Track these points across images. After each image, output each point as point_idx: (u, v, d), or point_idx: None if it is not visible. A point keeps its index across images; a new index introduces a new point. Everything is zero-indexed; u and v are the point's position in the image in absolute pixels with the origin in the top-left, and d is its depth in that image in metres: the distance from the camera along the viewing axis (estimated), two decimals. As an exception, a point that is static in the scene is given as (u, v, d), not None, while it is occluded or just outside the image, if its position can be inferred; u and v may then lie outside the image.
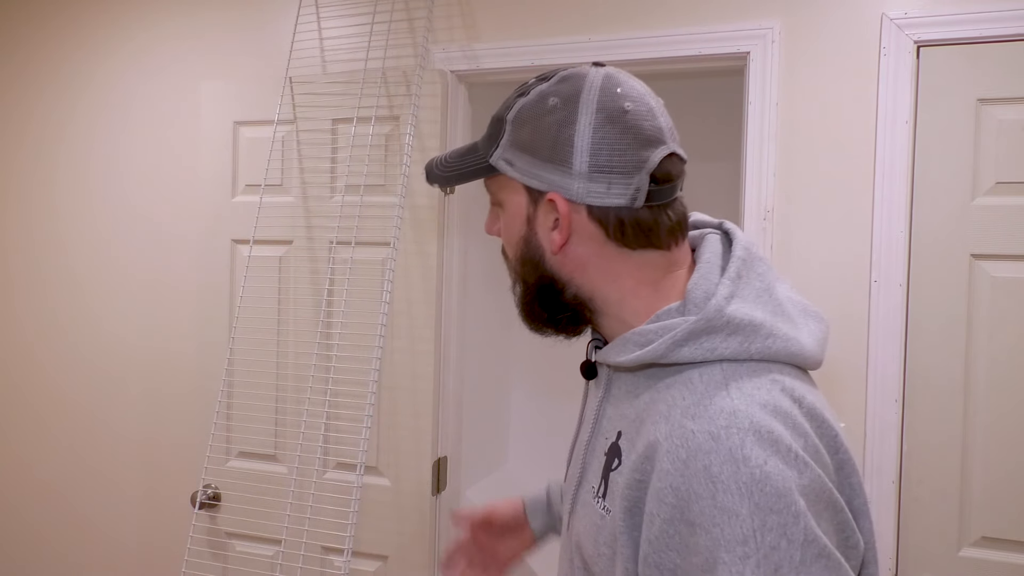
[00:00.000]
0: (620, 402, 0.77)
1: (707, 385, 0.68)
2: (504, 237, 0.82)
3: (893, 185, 1.58)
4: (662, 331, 0.72)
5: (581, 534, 0.78)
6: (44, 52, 2.34)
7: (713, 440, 0.63)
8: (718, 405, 0.66)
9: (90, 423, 2.29)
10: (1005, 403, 1.53)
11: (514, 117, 0.77)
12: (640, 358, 0.72)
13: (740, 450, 0.63)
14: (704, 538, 0.61)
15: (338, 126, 1.93)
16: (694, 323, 0.69)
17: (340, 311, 1.85)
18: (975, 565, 1.54)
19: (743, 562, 0.60)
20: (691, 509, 0.62)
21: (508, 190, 0.79)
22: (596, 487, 0.76)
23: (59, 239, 2.32)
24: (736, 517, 0.61)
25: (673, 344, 0.70)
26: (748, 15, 1.69)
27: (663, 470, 0.65)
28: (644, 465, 0.67)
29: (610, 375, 0.81)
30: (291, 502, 1.83)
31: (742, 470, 0.62)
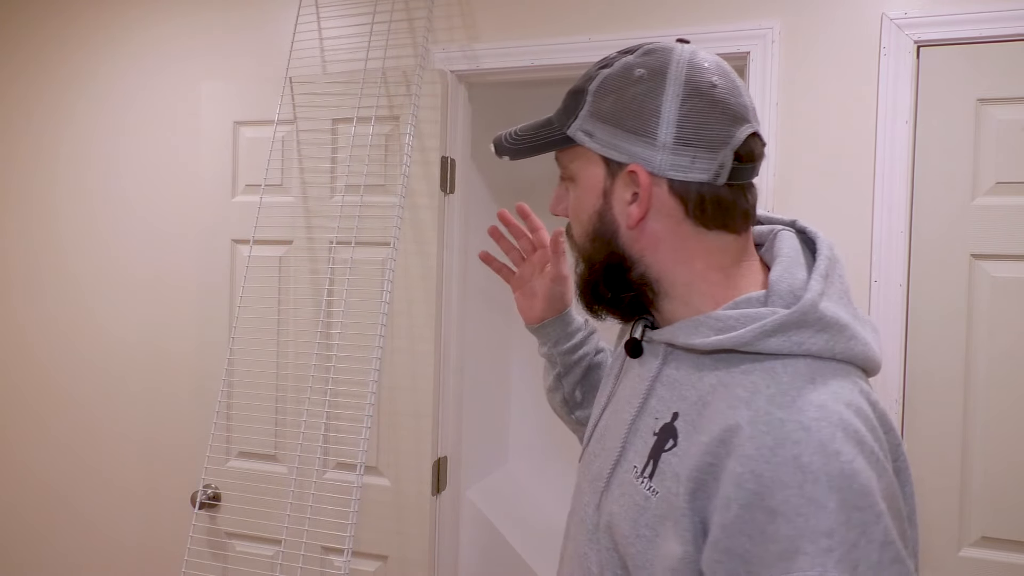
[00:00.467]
0: (678, 383, 0.76)
1: (793, 377, 0.68)
2: (573, 213, 0.81)
3: (893, 185, 1.58)
4: (746, 319, 0.71)
5: (615, 514, 0.76)
6: (44, 52, 2.34)
7: (804, 431, 0.63)
8: (807, 398, 0.65)
9: (90, 423, 2.29)
10: (1005, 403, 1.53)
11: (597, 88, 0.76)
12: (720, 343, 0.70)
13: (831, 444, 0.62)
14: (786, 527, 0.61)
15: (338, 126, 1.93)
16: (787, 315, 0.69)
17: (340, 311, 1.85)
18: (975, 565, 1.54)
19: (826, 555, 0.59)
20: (774, 497, 0.62)
21: (583, 162, 0.78)
22: (641, 467, 0.75)
23: (59, 239, 2.32)
24: (823, 509, 0.60)
25: (762, 333, 0.69)
26: (748, 15, 1.69)
27: (745, 455, 0.64)
28: (719, 448, 0.66)
29: (666, 356, 0.79)
30: (291, 502, 1.83)
31: (832, 463, 0.61)
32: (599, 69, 0.77)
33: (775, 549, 0.61)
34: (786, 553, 0.60)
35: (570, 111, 0.78)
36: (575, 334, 1.06)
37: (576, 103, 0.77)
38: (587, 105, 0.76)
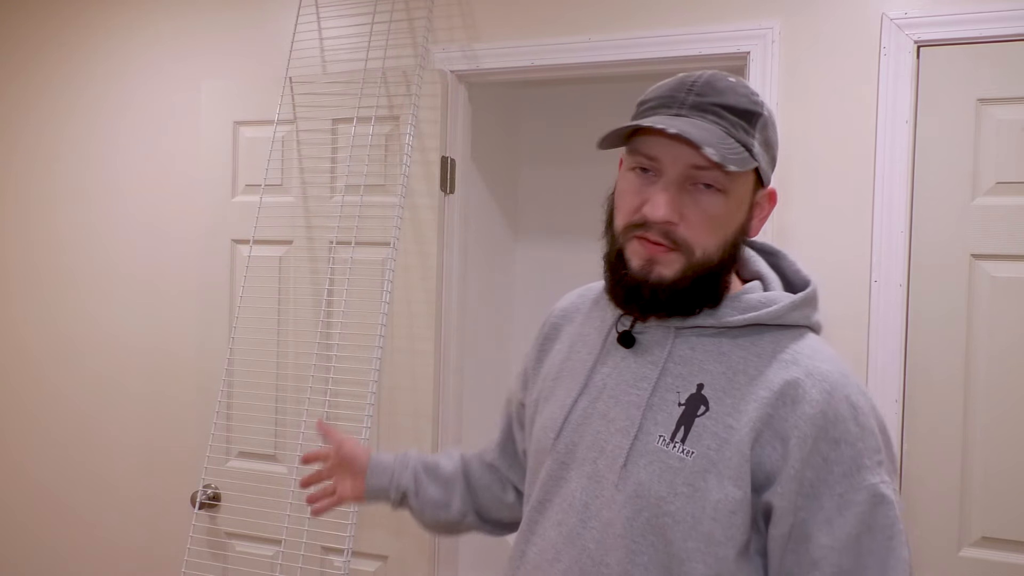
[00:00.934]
0: (695, 360, 0.88)
1: (815, 343, 0.88)
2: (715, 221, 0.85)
3: (893, 185, 1.58)
4: (769, 300, 0.88)
5: (644, 483, 0.84)
6: (43, 52, 2.34)
7: (844, 377, 0.84)
8: (831, 355, 0.87)
9: (90, 423, 2.29)
10: (1005, 403, 1.53)
11: (767, 117, 0.88)
12: (756, 318, 0.87)
13: (861, 386, 0.85)
14: (848, 450, 0.79)
15: (338, 126, 1.93)
16: (806, 294, 0.90)
17: (340, 311, 1.85)
18: (975, 565, 1.54)
19: (880, 466, 0.80)
20: (836, 428, 0.80)
21: (742, 181, 0.86)
22: (669, 435, 0.85)
23: (58, 239, 2.32)
24: (872, 434, 0.81)
25: (791, 307, 0.88)
26: (748, 15, 1.69)
27: (812, 399, 0.81)
28: (779, 401, 0.82)
29: (673, 339, 0.89)
30: (291, 502, 1.83)
31: (866, 400, 0.84)
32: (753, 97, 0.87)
33: (839, 470, 0.79)
34: (851, 469, 0.79)
35: (746, 132, 0.85)
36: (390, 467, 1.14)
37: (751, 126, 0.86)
38: (758, 132, 0.86)
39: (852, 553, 0.78)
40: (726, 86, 0.85)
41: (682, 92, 0.85)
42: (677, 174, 0.84)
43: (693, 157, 0.82)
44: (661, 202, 0.83)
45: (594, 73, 1.85)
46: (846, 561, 0.78)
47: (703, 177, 0.83)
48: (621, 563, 0.84)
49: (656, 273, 0.85)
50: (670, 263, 0.85)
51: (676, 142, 0.82)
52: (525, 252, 2.66)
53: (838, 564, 0.78)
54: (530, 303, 2.62)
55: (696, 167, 0.83)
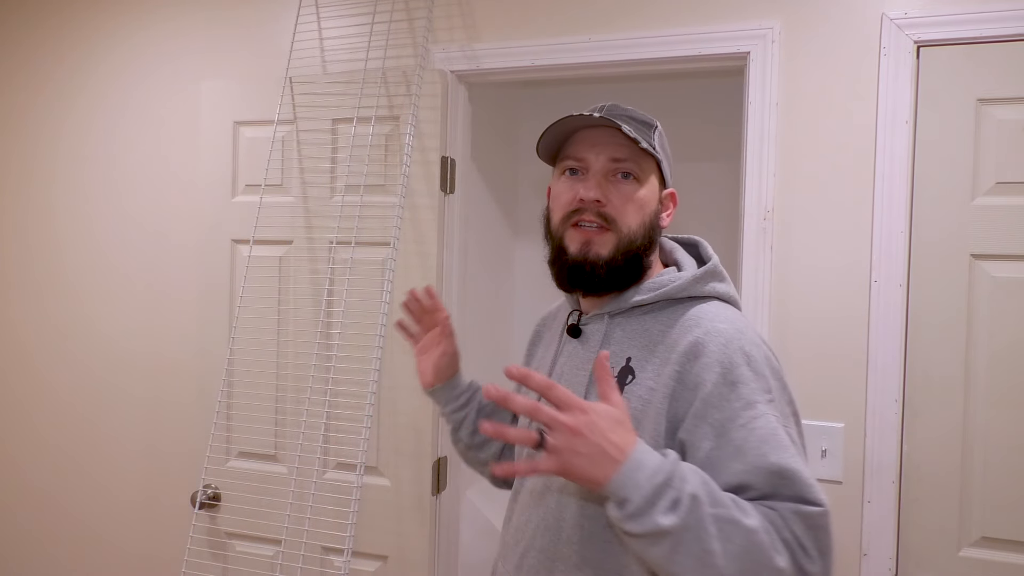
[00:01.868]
0: (624, 338, 1.05)
1: (717, 308, 1.02)
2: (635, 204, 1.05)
3: (893, 185, 1.58)
4: (676, 278, 1.05)
5: None
6: (42, 52, 2.34)
7: (740, 333, 0.98)
8: (729, 315, 1.01)
9: (90, 424, 2.29)
10: (1005, 403, 1.53)
11: (660, 131, 1.09)
12: (666, 293, 1.04)
13: (756, 340, 0.99)
14: (744, 390, 0.93)
15: (338, 126, 1.93)
16: (707, 268, 1.06)
17: (340, 311, 1.85)
18: (975, 565, 1.54)
19: (769, 404, 0.93)
20: (733, 373, 0.93)
21: (651, 173, 1.07)
22: None
23: (57, 240, 2.32)
24: (764, 378, 0.95)
25: (694, 280, 1.04)
26: (748, 15, 1.69)
27: (711, 352, 0.95)
28: (685, 359, 0.96)
29: (609, 324, 1.07)
30: (291, 502, 1.83)
31: (760, 350, 0.97)
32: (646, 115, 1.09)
33: (737, 405, 0.92)
34: (746, 405, 0.92)
35: (646, 134, 1.06)
36: (460, 396, 1.34)
37: (649, 132, 1.07)
38: (656, 136, 1.08)
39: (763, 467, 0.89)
40: (626, 107, 1.08)
41: (592, 111, 1.07)
42: (601, 167, 1.04)
43: (612, 151, 1.03)
44: (592, 186, 1.04)
45: (594, 73, 1.85)
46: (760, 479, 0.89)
47: (622, 168, 1.04)
48: (575, 516, 1.01)
49: (594, 252, 1.04)
50: (604, 243, 1.04)
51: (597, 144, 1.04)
52: (525, 252, 2.66)
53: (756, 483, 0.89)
54: (530, 303, 2.62)
55: (615, 160, 1.04)
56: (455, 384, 1.34)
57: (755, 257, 1.67)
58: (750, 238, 1.67)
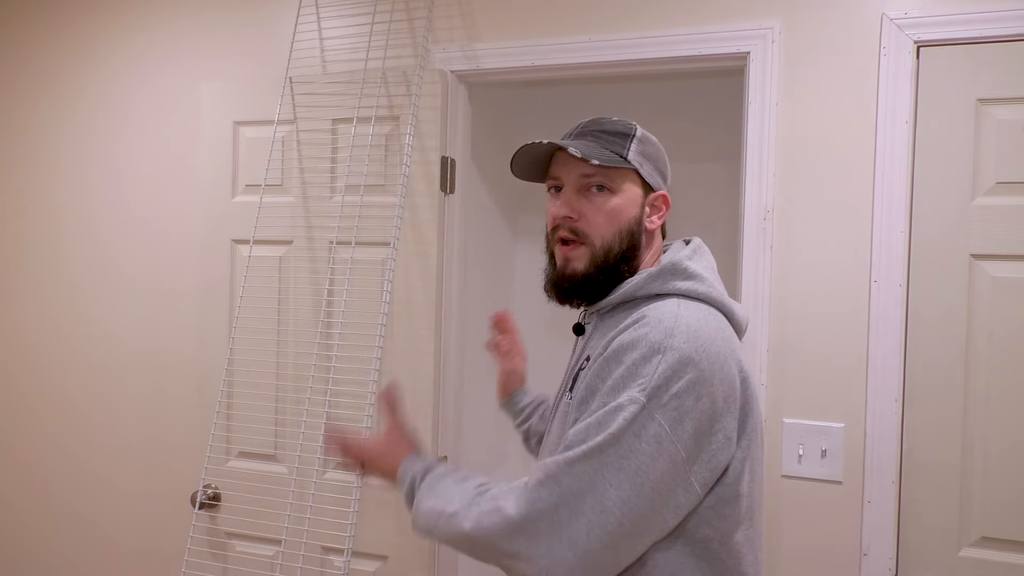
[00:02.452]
0: (596, 338, 1.11)
1: (667, 303, 1.03)
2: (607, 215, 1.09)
3: (893, 185, 1.58)
4: (636, 278, 1.08)
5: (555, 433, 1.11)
6: (43, 53, 2.34)
7: (659, 322, 0.98)
8: (673, 310, 1.00)
9: (90, 423, 2.29)
10: (1005, 403, 1.53)
11: (640, 136, 1.12)
12: (624, 295, 1.08)
13: (673, 331, 0.96)
14: (623, 370, 0.95)
15: (338, 126, 1.93)
16: (662, 267, 1.08)
17: (340, 311, 1.85)
18: (975, 565, 1.54)
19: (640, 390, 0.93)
20: (625, 354, 0.96)
21: (628, 182, 1.10)
22: (566, 390, 1.11)
23: (59, 239, 2.32)
24: (649, 363, 0.94)
25: (648, 278, 1.07)
26: (748, 15, 1.69)
27: (623, 336, 0.99)
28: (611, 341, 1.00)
29: (596, 322, 1.14)
30: (291, 502, 1.83)
31: (666, 341, 0.95)
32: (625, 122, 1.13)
33: (611, 383, 0.96)
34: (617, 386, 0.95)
35: (619, 146, 1.10)
36: (523, 410, 1.47)
37: (624, 141, 1.10)
38: (634, 145, 1.10)
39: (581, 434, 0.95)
40: (605, 120, 1.13)
41: (571, 129, 1.14)
42: (572, 183, 1.10)
43: (580, 168, 1.08)
44: (560, 203, 1.11)
45: (594, 73, 1.85)
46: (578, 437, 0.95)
47: (592, 181, 1.09)
48: None
49: (571, 268, 1.10)
50: (579, 257, 1.10)
51: (567, 162, 1.09)
52: (525, 252, 2.66)
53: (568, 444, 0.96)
54: (530, 303, 2.62)
55: (584, 175, 1.09)
56: (517, 399, 1.48)
57: (755, 257, 1.67)
58: (750, 238, 1.67)
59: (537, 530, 0.93)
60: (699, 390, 0.94)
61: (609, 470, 0.92)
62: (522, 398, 1.49)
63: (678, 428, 0.93)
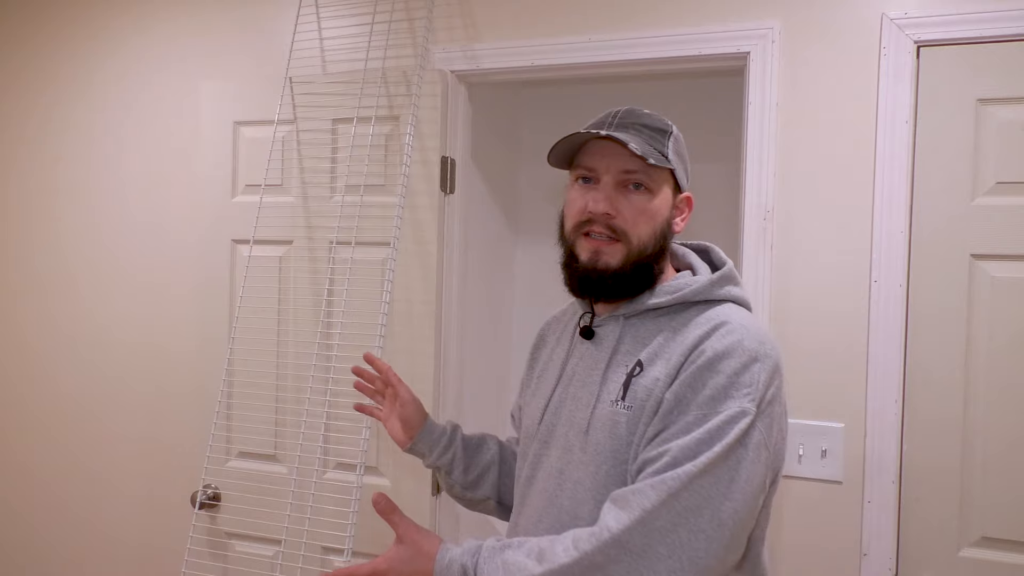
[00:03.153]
0: (639, 337, 1.07)
1: (730, 309, 1.04)
2: (645, 215, 1.06)
3: (893, 185, 1.58)
4: (692, 282, 1.07)
5: (602, 442, 1.02)
6: (44, 54, 2.34)
7: (744, 328, 0.99)
8: (741, 316, 1.02)
9: (90, 423, 2.29)
10: (1005, 403, 1.53)
11: (676, 136, 1.09)
12: (683, 296, 1.05)
13: (759, 337, 0.99)
14: (723, 380, 0.95)
15: (338, 126, 1.93)
16: (723, 272, 1.08)
17: (340, 311, 1.85)
18: (975, 565, 1.54)
19: (745, 397, 0.94)
20: (721, 363, 0.95)
21: (664, 182, 1.08)
22: (615, 398, 1.03)
23: (59, 239, 2.32)
24: (749, 372, 0.95)
25: (711, 284, 1.06)
26: (748, 15, 1.69)
27: (711, 345, 0.97)
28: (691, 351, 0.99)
29: (623, 325, 1.09)
30: (291, 502, 1.83)
31: (760, 347, 0.97)
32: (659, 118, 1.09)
33: (709, 394, 0.95)
34: (717, 396, 0.94)
35: (660, 143, 1.07)
36: (441, 438, 1.30)
37: (664, 139, 1.07)
38: (672, 144, 1.08)
39: (690, 451, 0.92)
40: (642, 112, 1.08)
41: (608, 118, 1.08)
42: (611, 178, 1.05)
43: (623, 163, 1.04)
44: (601, 198, 1.05)
45: (594, 73, 1.85)
46: (683, 455, 0.92)
47: (632, 179, 1.05)
48: (592, 512, 1.01)
49: (603, 262, 1.05)
50: (613, 253, 1.05)
51: (608, 154, 1.04)
52: (525, 252, 2.66)
53: (676, 457, 0.92)
54: (530, 303, 2.62)
55: (626, 171, 1.04)
56: (430, 429, 1.30)
57: (755, 257, 1.67)
58: (750, 238, 1.67)
59: (656, 554, 0.89)
60: (782, 396, 1.00)
61: (723, 483, 0.91)
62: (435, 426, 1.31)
63: (770, 434, 0.96)
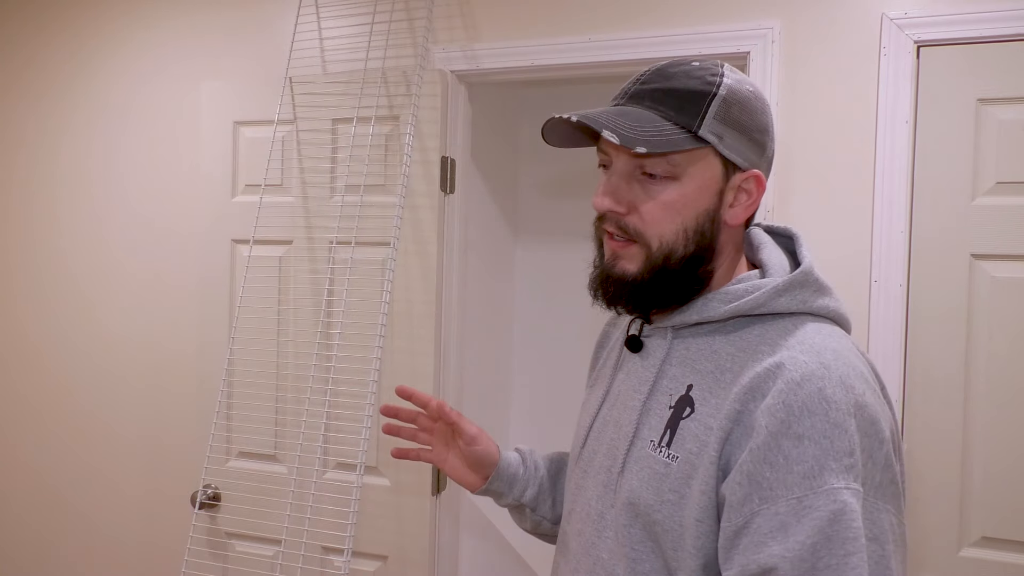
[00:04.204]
0: (689, 360, 0.84)
1: (805, 331, 0.79)
2: (665, 209, 0.82)
3: (893, 185, 1.58)
4: (754, 288, 0.82)
5: (635, 489, 0.82)
6: (44, 53, 2.34)
7: (825, 368, 0.74)
8: (821, 343, 0.77)
9: (90, 423, 2.29)
10: (1005, 403, 1.53)
11: (726, 95, 0.81)
12: (737, 309, 0.81)
13: (847, 379, 0.74)
14: (813, 448, 0.71)
15: (338, 126, 1.93)
16: (793, 276, 0.82)
17: (340, 311, 1.85)
18: (975, 565, 1.54)
19: (849, 471, 0.70)
20: (802, 423, 0.71)
21: (698, 165, 0.81)
22: (657, 440, 0.82)
23: (59, 239, 2.32)
24: (846, 433, 0.71)
25: (774, 293, 0.81)
26: (748, 15, 1.69)
27: (778, 390, 0.73)
28: (747, 395, 0.76)
29: (671, 341, 0.87)
30: (291, 502, 1.83)
31: (849, 395, 0.73)
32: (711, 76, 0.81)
33: (800, 469, 0.71)
34: (812, 472, 0.70)
35: (692, 113, 0.80)
36: (517, 475, 1.06)
37: (698, 106, 0.80)
38: (714, 110, 0.80)
39: (806, 565, 0.69)
40: (678, 71, 0.82)
41: (630, 83, 0.85)
42: (622, 166, 0.83)
43: None
44: (600, 193, 0.84)
45: (594, 73, 1.85)
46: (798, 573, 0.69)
47: (646, 166, 0.81)
48: (627, 573, 0.83)
49: (620, 267, 0.85)
50: (632, 257, 0.84)
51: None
52: (525, 252, 2.66)
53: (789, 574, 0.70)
54: (530, 303, 2.62)
55: (635, 156, 0.81)
56: (504, 466, 1.05)
57: (755, 257, 1.67)
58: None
59: None
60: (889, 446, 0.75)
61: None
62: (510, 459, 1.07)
63: (900, 502, 0.75)
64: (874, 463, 0.73)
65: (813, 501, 0.70)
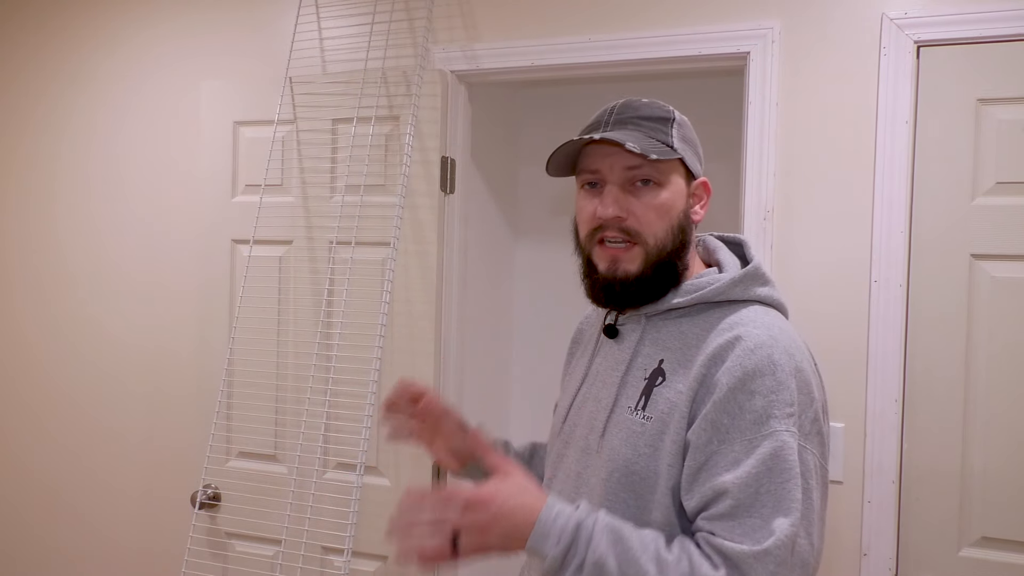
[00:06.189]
0: (660, 340, 1.02)
1: (756, 313, 0.99)
2: (657, 211, 1.00)
3: (893, 185, 1.58)
4: (715, 280, 1.01)
5: (616, 448, 0.99)
6: (44, 52, 2.34)
7: (773, 340, 0.94)
8: (769, 322, 0.97)
9: (90, 423, 2.29)
10: (1005, 403, 1.53)
11: (679, 121, 1.04)
12: (702, 296, 1.00)
13: (790, 349, 0.94)
14: (762, 401, 0.90)
15: (338, 126, 1.93)
16: (747, 271, 1.02)
17: (340, 311, 1.85)
18: (975, 565, 1.54)
19: (789, 418, 0.90)
20: (754, 382, 0.90)
21: (674, 173, 1.02)
22: (634, 405, 1.00)
23: (59, 239, 2.32)
24: (788, 390, 0.91)
25: (731, 284, 1.00)
26: (748, 15, 1.69)
27: (735, 356, 0.92)
28: (711, 362, 0.94)
29: (644, 325, 1.04)
30: (291, 502, 1.83)
31: (791, 361, 0.93)
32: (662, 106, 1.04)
33: (751, 417, 0.90)
34: (760, 419, 0.89)
35: (662, 133, 1.01)
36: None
37: (666, 128, 1.02)
38: (676, 131, 1.02)
39: (751, 489, 0.87)
40: (639, 104, 1.03)
41: (604, 116, 1.03)
42: (617, 178, 1.00)
43: (625, 160, 0.99)
44: (608, 202, 1.00)
45: (594, 73, 1.85)
46: (744, 495, 0.87)
47: (639, 175, 0.99)
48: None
49: (622, 270, 1.01)
50: (632, 258, 1.00)
51: (609, 154, 0.99)
52: (525, 252, 2.66)
53: (738, 497, 0.87)
54: (530, 303, 2.62)
55: (630, 168, 0.99)
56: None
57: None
58: (750, 238, 1.67)
59: None
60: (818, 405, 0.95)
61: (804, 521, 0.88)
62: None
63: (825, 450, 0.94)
64: (805, 415, 0.92)
65: (761, 441, 0.89)
